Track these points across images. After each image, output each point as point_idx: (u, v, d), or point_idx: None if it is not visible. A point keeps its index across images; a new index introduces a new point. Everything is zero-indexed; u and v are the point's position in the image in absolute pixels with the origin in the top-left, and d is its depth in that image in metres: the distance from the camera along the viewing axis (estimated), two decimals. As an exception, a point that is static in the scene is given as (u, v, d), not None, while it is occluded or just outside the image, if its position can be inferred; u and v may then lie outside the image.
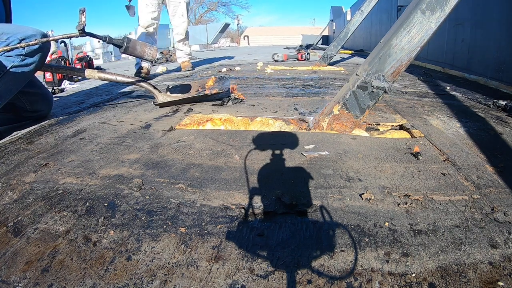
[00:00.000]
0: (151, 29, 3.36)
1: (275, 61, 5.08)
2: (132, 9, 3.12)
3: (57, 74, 3.32)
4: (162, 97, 1.88)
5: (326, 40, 12.11)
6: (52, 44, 4.06)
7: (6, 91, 1.37)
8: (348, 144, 1.17)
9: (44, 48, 1.45)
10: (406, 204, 0.79)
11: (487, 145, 1.17)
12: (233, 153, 1.12)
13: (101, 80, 1.83)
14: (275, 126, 1.41)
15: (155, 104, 1.88)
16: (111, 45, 3.28)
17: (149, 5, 3.23)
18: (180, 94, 2.02)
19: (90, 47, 10.77)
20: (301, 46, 9.87)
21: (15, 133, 1.47)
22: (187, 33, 3.77)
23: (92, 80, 3.70)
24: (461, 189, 0.85)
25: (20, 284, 0.57)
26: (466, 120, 1.49)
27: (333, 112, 1.31)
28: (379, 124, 1.45)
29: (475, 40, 2.86)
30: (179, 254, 0.63)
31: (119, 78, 1.82)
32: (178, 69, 4.23)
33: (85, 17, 1.48)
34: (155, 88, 1.91)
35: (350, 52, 7.00)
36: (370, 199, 0.81)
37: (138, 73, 3.44)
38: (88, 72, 1.77)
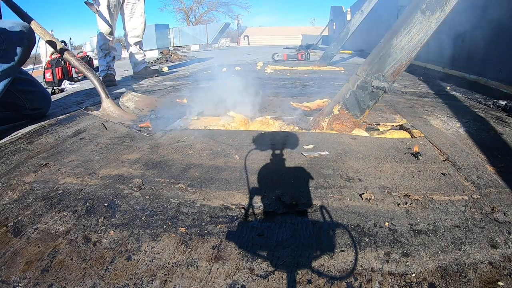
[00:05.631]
0: (111, 37, 3.09)
1: (275, 61, 5.08)
2: (93, 6, 2.83)
3: (57, 74, 3.32)
4: (106, 104, 1.62)
5: (326, 40, 12.10)
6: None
7: None
8: (348, 144, 1.17)
9: (25, 40, 1.40)
10: (406, 204, 0.79)
11: (487, 145, 1.17)
12: (233, 153, 1.12)
13: (67, 60, 1.73)
14: (275, 126, 1.41)
15: (84, 110, 1.64)
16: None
17: (111, 7, 2.96)
18: (133, 108, 1.72)
19: (90, 47, 10.77)
20: (301, 46, 9.86)
21: (15, 133, 1.47)
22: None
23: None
24: (461, 189, 0.85)
25: (20, 284, 0.57)
26: (466, 120, 1.49)
27: (333, 112, 1.31)
28: (379, 124, 1.45)
29: (475, 40, 2.86)
30: (179, 254, 0.63)
31: (76, 63, 1.69)
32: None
33: None
34: (104, 89, 1.64)
35: (350, 52, 7.00)
36: (370, 199, 0.81)
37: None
38: (60, 50, 1.70)
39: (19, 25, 1.38)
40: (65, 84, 3.23)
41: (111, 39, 3.08)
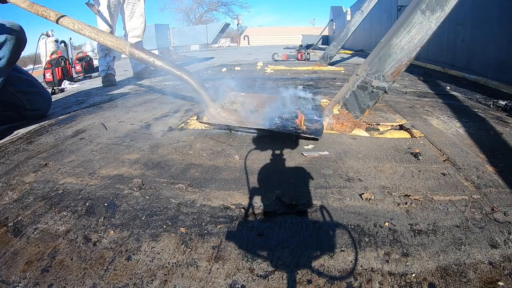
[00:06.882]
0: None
1: (275, 61, 5.08)
2: (94, 6, 2.81)
3: (57, 74, 3.32)
4: (214, 109, 1.29)
5: (326, 40, 12.11)
6: (53, 44, 4.07)
7: None
8: (348, 144, 1.17)
9: (12, 39, 1.35)
10: (406, 204, 0.79)
11: (487, 145, 1.17)
12: (233, 153, 1.12)
13: (134, 57, 1.38)
14: (275, 126, 1.41)
15: (199, 121, 1.33)
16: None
17: (111, 6, 2.93)
18: (242, 111, 1.36)
19: (90, 47, 10.76)
20: (301, 46, 9.87)
21: (15, 132, 1.47)
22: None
23: (92, 80, 3.71)
24: (461, 189, 0.85)
25: (20, 284, 0.57)
26: (466, 120, 1.49)
27: (333, 112, 1.31)
28: (379, 124, 1.45)
29: (475, 40, 2.86)
30: (179, 254, 0.63)
31: (157, 62, 1.34)
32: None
33: None
34: (206, 92, 1.31)
35: (350, 52, 7.00)
36: (370, 199, 0.81)
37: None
38: (116, 43, 1.39)
39: (6, 24, 1.33)
40: (65, 84, 3.24)
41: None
